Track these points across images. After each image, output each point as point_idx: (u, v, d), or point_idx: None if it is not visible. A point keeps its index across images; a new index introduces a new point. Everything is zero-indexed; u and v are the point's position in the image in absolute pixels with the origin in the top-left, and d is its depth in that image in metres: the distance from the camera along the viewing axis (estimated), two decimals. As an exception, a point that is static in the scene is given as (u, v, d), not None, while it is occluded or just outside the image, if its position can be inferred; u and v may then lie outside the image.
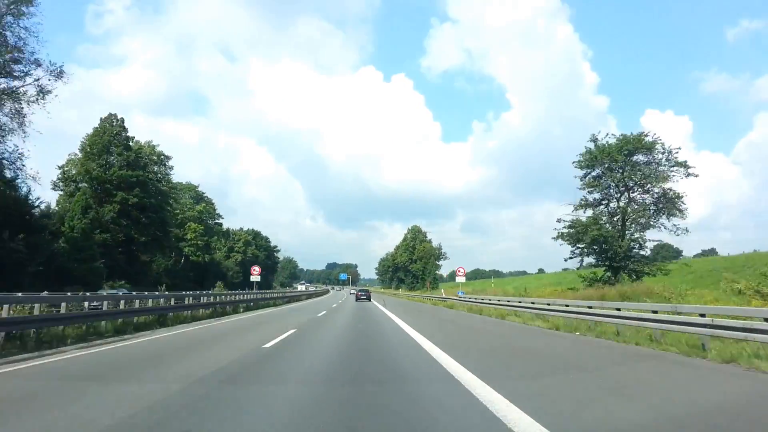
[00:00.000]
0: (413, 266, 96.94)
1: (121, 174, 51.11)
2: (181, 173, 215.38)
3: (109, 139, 51.53)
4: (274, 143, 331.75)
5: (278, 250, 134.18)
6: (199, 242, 71.76)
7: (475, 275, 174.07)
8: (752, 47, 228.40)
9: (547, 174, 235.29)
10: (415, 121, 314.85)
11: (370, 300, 53.14)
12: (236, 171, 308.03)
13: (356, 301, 51.66)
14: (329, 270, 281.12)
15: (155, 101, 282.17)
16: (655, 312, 11.68)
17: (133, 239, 52.10)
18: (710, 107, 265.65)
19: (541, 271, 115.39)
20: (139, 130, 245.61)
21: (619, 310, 13.61)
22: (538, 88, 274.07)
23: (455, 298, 37.04)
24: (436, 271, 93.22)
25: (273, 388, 6.72)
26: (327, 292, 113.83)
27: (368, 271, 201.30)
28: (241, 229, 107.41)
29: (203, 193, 78.99)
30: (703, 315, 9.98)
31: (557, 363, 9.27)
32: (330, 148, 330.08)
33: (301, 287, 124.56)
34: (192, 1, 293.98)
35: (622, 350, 10.66)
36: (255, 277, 39.29)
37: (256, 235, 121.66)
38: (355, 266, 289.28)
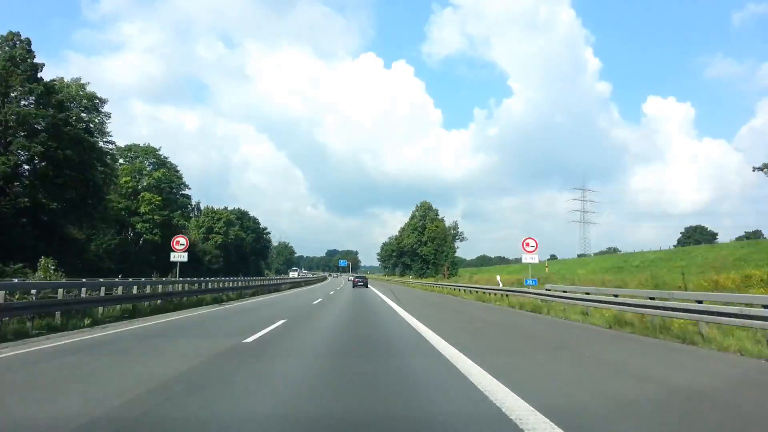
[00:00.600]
0: (423, 249, 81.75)
1: (21, 111, 35.96)
2: (181, 160, 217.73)
3: (6, 65, 36.27)
4: (275, 131, 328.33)
5: (268, 233, 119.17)
6: (156, 217, 56.63)
7: (481, 262, 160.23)
8: (758, 32, 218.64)
9: (548, 161, 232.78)
10: (416, 108, 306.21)
11: (366, 286, 55.22)
12: (237, 159, 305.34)
13: (353, 287, 53.57)
14: (329, 257, 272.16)
15: (154, 88, 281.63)
16: None
17: (41, 206, 37.12)
18: (713, 93, 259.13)
19: (553, 257, 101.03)
20: (138, 117, 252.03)
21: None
22: (540, 74, 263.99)
23: (523, 290, 21.83)
24: (454, 254, 77.82)
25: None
26: (324, 279, 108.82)
27: (369, 258, 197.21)
28: (226, 208, 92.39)
29: (166, 158, 63.69)
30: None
31: None
32: (331, 136, 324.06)
33: (293, 274, 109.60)
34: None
35: None
36: (178, 255, 23.32)
37: (242, 215, 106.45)
38: (356, 253, 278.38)
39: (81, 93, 45.70)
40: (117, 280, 24.11)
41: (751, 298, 10.60)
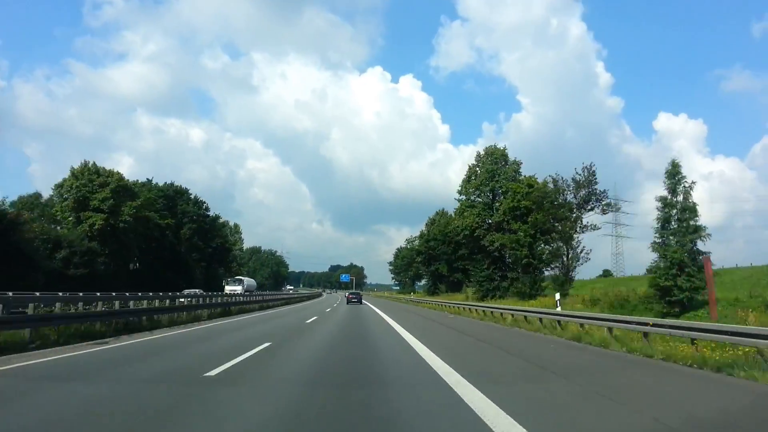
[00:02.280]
0: (501, 240, 38.73)
1: None
2: (187, 176, 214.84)
3: None
4: (280, 145, 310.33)
5: (222, 225, 78.89)
6: None
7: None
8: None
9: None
10: (423, 123, 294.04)
11: (360, 303, 52.13)
12: (242, 174, 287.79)
13: (347, 303, 50.08)
14: (332, 272, 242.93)
15: (158, 100, 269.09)
16: None
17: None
18: (726, 110, 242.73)
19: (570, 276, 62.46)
20: (144, 129, 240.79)
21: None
22: (551, 89, 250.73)
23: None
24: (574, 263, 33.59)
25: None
26: (318, 295, 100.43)
27: (376, 275, 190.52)
28: (123, 178, 51.22)
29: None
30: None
31: None
32: (337, 151, 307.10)
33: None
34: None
35: None
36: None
37: (177, 193, 66.16)
38: (361, 268, 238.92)
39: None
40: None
41: None
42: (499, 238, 38.82)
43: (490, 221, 41.79)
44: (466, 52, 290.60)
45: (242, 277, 70.53)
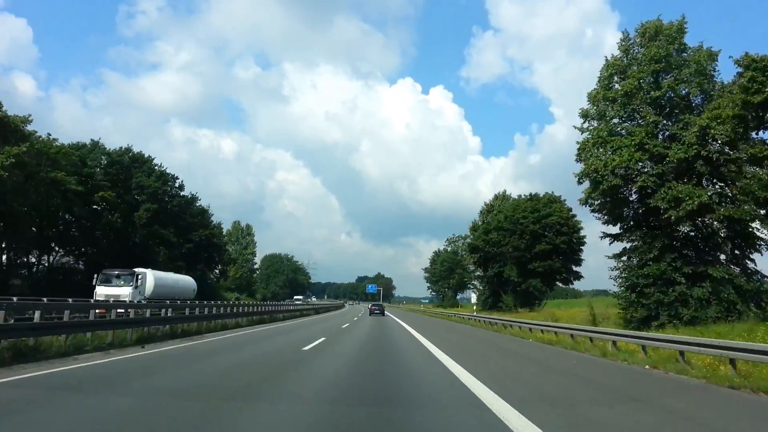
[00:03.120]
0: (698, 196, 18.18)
1: None
2: (218, 188, 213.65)
3: None
4: (311, 156, 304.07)
5: (202, 211, 59.49)
6: None
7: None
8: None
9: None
10: (454, 135, 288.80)
11: (383, 314, 53.19)
12: (272, 185, 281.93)
13: (370, 315, 51.41)
14: (358, 283, 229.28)
15: (191, 110, 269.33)
16: None
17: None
18: None
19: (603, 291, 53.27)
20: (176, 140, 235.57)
21: None
22: (585, 100, 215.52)
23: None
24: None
25: None
26: (340, 306, 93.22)
27: (404, 288, 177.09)
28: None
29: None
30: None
31: None
32: (366, 163, 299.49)
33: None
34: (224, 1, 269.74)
35: None
36: None
37: (118, 157, 46.85)
38: (389, 280, 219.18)
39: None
40: None
41: None
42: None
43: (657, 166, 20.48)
44: (498, 63, 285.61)
45: (142, 270, 31.92)
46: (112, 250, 39.47)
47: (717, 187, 21.53)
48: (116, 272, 29.09)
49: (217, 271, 67.09)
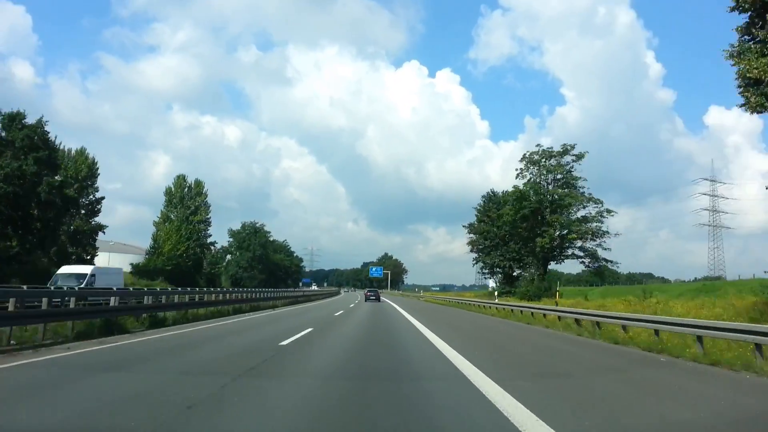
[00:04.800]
0: None
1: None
2: (224, 175, 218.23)
3: None
4: (316, 143, 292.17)
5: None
6: None
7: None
8: None
9: (605, 174, 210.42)
10: (461, 120, 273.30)
11: (379, 300, 55.74)
12: (277, 173, 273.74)
13: (366, 301, 53.87)
14: (363, 269, 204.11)
15: (191, 94, 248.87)
16: None
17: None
18: None
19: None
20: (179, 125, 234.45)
21: None
22: (597, 81, 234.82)
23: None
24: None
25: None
26: (330, 295, 75.90)
27: (413, 276, 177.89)
28: None
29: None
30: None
31: None
32: (373, 149, 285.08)
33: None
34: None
35: None
36: None
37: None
38: (398, 262, 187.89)
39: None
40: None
41: None
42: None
43: None
44: (507, 44, 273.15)
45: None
46: None
47: None
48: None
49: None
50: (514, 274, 60.08)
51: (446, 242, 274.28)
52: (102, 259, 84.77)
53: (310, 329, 16.86)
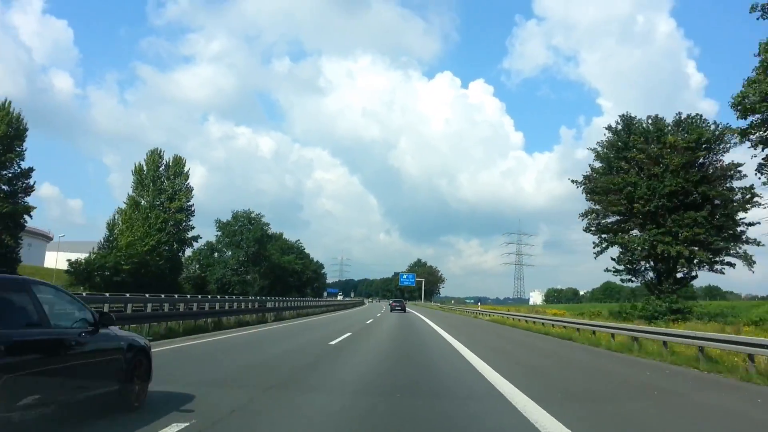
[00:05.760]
0: None
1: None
2: (257, 186, 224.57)
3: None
4: (348, 154, 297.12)
5: None
6: None
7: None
8: None
9: None
10: (495, 131, 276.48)
11: (404, 311, 51.11)
12: (309, 184, 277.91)
13: (391, 311, 49.80)
14: (392, 278, 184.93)
15: (226, 105, 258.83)
16: None
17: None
18: None
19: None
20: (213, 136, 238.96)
21: None
22: (636, 91, 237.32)
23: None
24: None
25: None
26: (345, 307, 61.04)
27: (447, 287, 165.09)
28: None
29: None
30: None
31: None
32: (405, 160, 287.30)
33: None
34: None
35: None
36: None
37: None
38: (434, 269, 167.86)
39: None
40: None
41: None
42: None
43: None
44: (543, 53, 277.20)
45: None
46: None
47: None
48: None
49: None
50: (680, 273, 33.42)
51: (479, 254, 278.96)
52: (50, 259, 69.00)
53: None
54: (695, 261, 32.71)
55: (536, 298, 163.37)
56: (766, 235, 33.57)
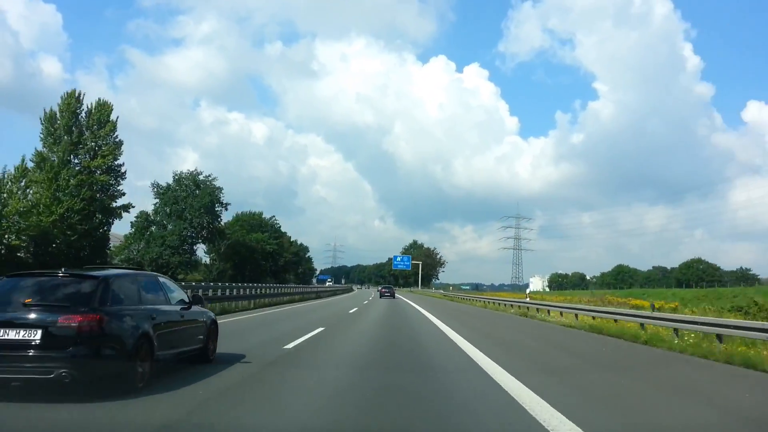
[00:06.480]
0: None
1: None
2: (251, 172, 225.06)
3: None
4: (342, 140, 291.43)
5: None
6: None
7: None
8: None
9: (640, 171, 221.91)
10: (490, 116, 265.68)
11: (394, 297, 49.86)
12: (304, 170, 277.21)
13: (381, 297, 48.65)
14: (386, 263, 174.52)
15: (216, 89, 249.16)
16: None
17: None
18: None
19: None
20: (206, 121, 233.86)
21: None
22: (632, 75, 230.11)
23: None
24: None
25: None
26: (327, 294, 57.11)
27: (443, 273, 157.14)
28: None
29: None
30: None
31: None
32: (399, 146, 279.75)
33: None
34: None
35: None
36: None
37: None
38: (432, 251, 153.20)
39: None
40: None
41: None
42: None
43: None
44: (538, 36, 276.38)
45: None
46: None
47: None
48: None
49: None
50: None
51: (473, 240, 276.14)
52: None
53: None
54: None
55: (536, 284, 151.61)
56: None
